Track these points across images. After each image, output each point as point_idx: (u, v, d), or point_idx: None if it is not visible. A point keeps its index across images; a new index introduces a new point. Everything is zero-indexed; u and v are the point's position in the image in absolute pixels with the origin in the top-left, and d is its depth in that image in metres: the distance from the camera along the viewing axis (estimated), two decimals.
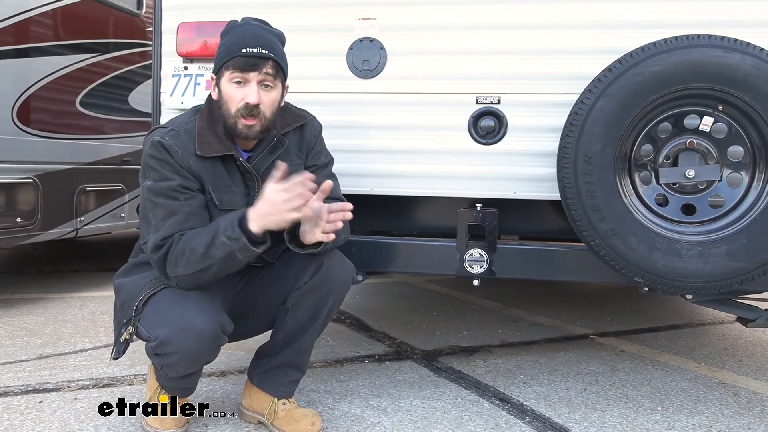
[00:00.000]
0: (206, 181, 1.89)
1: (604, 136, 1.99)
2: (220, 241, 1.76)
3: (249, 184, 1.95)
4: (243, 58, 1.84)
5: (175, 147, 1.85)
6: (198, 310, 1.80)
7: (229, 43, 1.88)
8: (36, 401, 2.28)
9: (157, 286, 1.88)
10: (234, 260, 1.80)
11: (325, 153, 2.12)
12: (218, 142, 1.89)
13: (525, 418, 2.22)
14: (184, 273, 1.81)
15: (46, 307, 3.78)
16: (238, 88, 1.86)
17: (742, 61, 1.91)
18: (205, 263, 1.79)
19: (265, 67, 1.85)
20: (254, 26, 1.92)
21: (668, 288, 2.04)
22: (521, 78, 2.23)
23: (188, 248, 1.79)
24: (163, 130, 1.90)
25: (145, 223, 1.89)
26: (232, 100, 1.86)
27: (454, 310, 3.92)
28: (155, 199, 1.85)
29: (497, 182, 2.28)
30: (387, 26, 2.31)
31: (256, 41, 1.85)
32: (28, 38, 3.81)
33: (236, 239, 1.75)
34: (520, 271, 2.35)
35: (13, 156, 3.66)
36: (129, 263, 2.04)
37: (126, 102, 4.80)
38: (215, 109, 1.93)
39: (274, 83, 1.89)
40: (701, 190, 2.07)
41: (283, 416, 2.02)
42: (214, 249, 1.77)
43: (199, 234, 1.81)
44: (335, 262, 1.98)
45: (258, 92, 1.85)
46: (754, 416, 2.27)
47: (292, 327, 1.99)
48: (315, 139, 2.08)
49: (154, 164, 1.85)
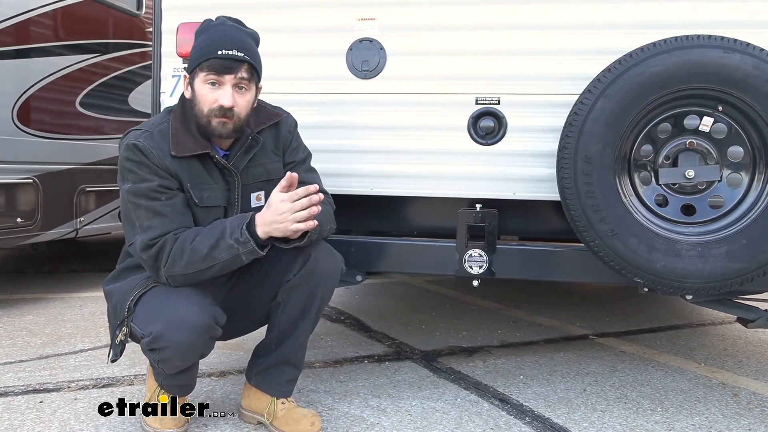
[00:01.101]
0: (184, 180, 1.89)
1: (604, 136, 1.99)
2: (227, 244, 1.79)
3: (228, 179, 1.96)
4: (219, 60, 1.84)
5: (149, 148, 1.85)
6: (189, 302, 1.81)
7: (204, 43, 1.88)
8: (36, 401, 2.28)
9: (147, 285, 1.89)
10: (238, 262, 1.84)
11: (303, 148, 2.13)
12: (193, 141, 1.90)
13: (524, 418, 2.22)
14: (182, 272, 1.82)
15: (46, 308, 3.78)
16: (212, 90, 1.86)
17: (742, 61, 1.91)
18: (207, 264, 1.81)
19: (240, 71, 1.86)
20: (230, 27, 1.91)
21: (668, 288, 2.04)
22: (521, 78, 2.23)
23: (188, 248, 1.80)
24: (136, 132, 1.90)
25: (129, 225, 1.89)
26: (205, 101, 1.87)
27: (453, 311, 3.92)
28: (137, 201, 1.85)
29: (497, 183, 2.28)
30: (386, 27, 2.31)
31: (231, 43, 1.86)
32: (28, 39, 3.81)
33: (244, 243, 1.79)
34: (520, 272, 2.35)
35: (13, 156, 3.66)
36: (117, 269, 2.04)
37: (126, 102, 4.80)
38: (188, 108, 1.93)
39: (248, 86, 1.90)
40: (701, 190, 2.07)
41: (282, 416, 2.02)
42: (218, 251, 1.80)
43: (200, 235, 1.82)
44: (322, 254, 1.98)
45: (232, 95, 1.85)
46: (754, 417, 2.27)
47: (284, 322, 2.00)
48: (291, 136, 2.09)
49: (131, 167, 1.86)
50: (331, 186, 2.18)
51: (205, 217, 1.92)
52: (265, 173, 2.02)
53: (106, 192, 4.51)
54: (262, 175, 2.02)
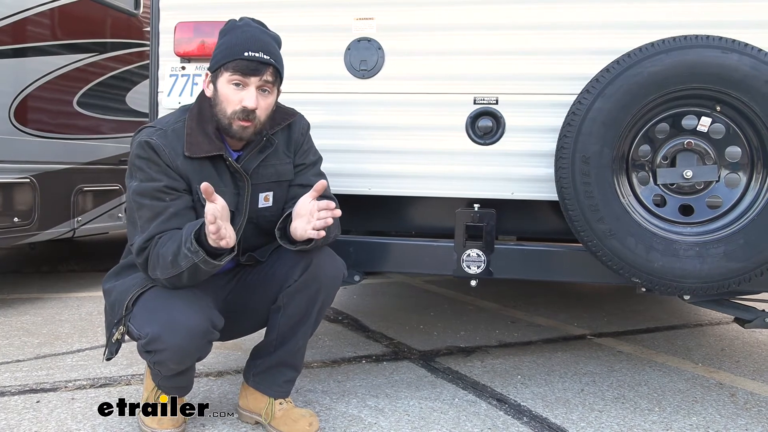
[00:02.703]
0: (194, 181, 1.87)
1: (602, 136, 1.99)
2: (183, 253, 1.73)
3: (239, 184, 1.94)
4: (245, 62, 1.83)
5: (162, 146, 1.84)
6: (187, 305, 1.80)
7: (230, 43, 1.87)
8: (33, 401, 2.27)
9: (146, 285, 1.87)
10: (200, 271, 1.76)
11: (313, 151, 2.12)
12: (207, 142, 1.88)
13: (522, 418, 2.22)
14: (162, 277, 1.80)
15: (43, 307, 3.77)
16: (236, 91, 1.85)
17: (740, 61, 1.91)
18: (176, 270, 1.76)
19: (265, 74, 1.85)
20: (255, 29, 1.91)
21: (666, 289, 2.04)
22: (519, 78, 2.22)
23: (160, 253, 1.77)
24: (150, 130, 1.89)
25: (132, 224, 1.87)
26: (229, 101, 1.85)
27: (451, 311, 3.92)
28: (141, 200, 1.83)
29: (495, 182, 2.28)
30: (384, 26, 2.30)
31: (258, 45, 1.85)
32: (26, 38, 3.80)
33: (195, 252, 1.71)
34: (518, 272, 2.35)
35: (10, 156, 3.65)
36: (119, 265, 2.03)
37: (123, 102, 4.79)
38: (206, 107, 1.92)
39: (271, 89, 1.89)
40: (699, 190, 2.07)
41: (280, 416, 2.02)
42: (180, 257, 1.74)
43: (170, 240, 1.78)
44: (325, 260, 1.97)
45: (256, 97, 1.85)
46: (752, 417, 2.27)
47: (284, 326, 1.99)
48: (303, 138, 2.08)
49: (141, 164, 1.84)
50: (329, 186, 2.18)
51: None
52: (275, 174, 2.01)
53: (104, 192, 4.50)
54: (272, 176, 2.01)
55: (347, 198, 2.32)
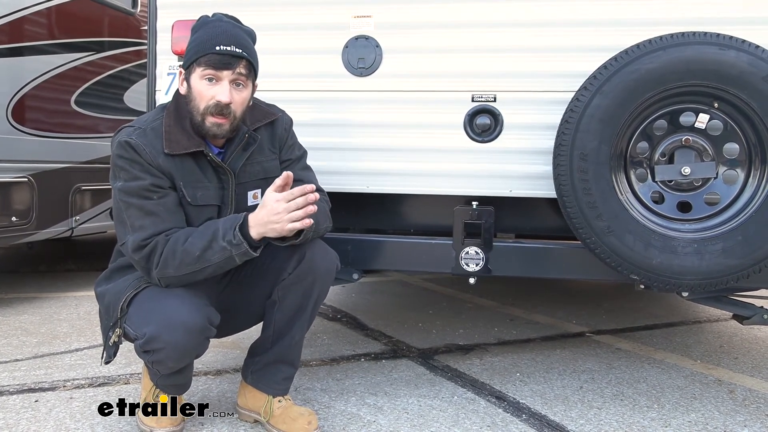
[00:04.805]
0: (177, 179, 1.87)
1: (600, 133, 1.99)
2: (220, 246, 1.78)
3: (222, 178, 1.95)
4: (217, 56, 1.83)
5: (142, 146, 1.84)
6: (183, 303, 1.80)
7: (201, 38, 1.86)
8: (31, 400, 2.27)
9: (140, 286, 1.87)
10: (230, 263, 1.83)
11: (298, 146, 2.13)
12: (187, 139, 1.88)
13: (521, 416, 2.22)
14: (174, 274, 1.80)
15: (41, 307, 3.77)
16: (209, 86, 1.85)
17: (738, 58, 1.91)
18: (200, 265, 1.80)
19: (238, 67, 1.85)
20: (227, 23, 1.90)
21: (664, 285, 2.05)
22: (517, 75, 2.23)
23: (180, 250, 1.79)
24: (129, 129, 1.89)
25: (120, 224, 1.87)
26: (202, 97, 1.85)
27: (450, 309, 3.92)
28: (128, 200, 1.83)
29: (493, 180, 2.28)
30: (382, 24, 2.30)
31: (229, 39, 1.85)
32: (23, 37, 3.79)
33: (237, 245, 1.78)
34: (517, 269, 2.35)
35: (7, 155, 3.64)
36: (108, 269, 2.02)
37: (121, 101, 4.78)
38: (183, 104, 1.91)
39: (245, 83, 1.89)
40: (697, 187, 2.08)
41: (279, 414, 2.02)
42: (211, 252, 1.78)
43: (192, 236, 1.81)
44: (318, 252, 1.97)
45: (230, 91, 1.84)
46: (750, 413, 2.27)
47: (280, 321, 1.99)
48: (286, 134, 2.08)
49: (123, 164, 1.84)
50: (327, 184, 2.18)
51: (198, 216, 1.91)
52: (262, 171, 2.01)
53: (102, 191, 4.49)
54: (259, 173, 2.01)
55: (345, 196, 2.32)
